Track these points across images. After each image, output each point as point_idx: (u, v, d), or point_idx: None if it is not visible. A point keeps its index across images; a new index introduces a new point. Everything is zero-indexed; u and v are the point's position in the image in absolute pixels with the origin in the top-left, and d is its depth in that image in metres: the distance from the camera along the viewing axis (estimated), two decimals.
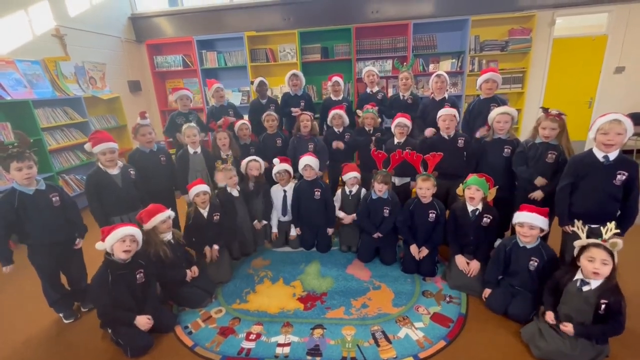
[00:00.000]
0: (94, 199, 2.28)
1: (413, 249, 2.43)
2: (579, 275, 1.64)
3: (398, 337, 1.89)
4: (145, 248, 2.08)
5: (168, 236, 2.19)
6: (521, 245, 1.97)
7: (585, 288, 1.60)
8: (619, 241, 1.53)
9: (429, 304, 2.15)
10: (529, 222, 1.89)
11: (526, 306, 1.91)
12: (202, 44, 5.18)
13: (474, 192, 2.18)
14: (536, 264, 1.90)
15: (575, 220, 1.70)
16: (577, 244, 1.64)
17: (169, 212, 2.17)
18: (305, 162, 2.73)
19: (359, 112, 3.25)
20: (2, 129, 3.27)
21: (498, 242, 2.35)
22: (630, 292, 1.96)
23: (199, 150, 2.92)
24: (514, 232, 2.08)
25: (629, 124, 1.77)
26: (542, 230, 1.91)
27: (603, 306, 1.54)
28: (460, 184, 2.30)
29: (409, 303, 2.17)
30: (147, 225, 2.08)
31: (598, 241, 1.57)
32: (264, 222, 2.91)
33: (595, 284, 1.58)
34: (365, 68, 3.67)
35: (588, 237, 1.61)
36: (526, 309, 1.90)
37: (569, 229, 1.93)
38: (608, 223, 1.57)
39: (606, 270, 1.54)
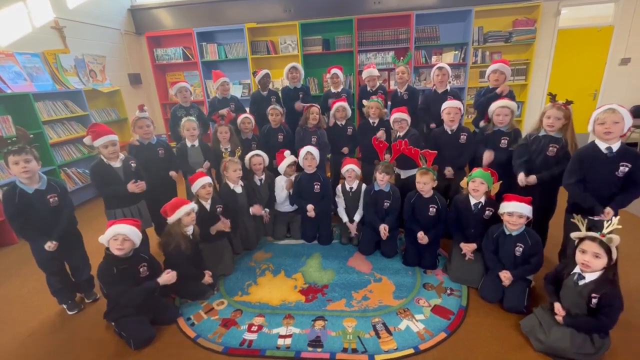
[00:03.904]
0: (105, 186, 2.30)
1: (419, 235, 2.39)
2: (577, 270, 1.63)
3: (399, 329, 1.90)
4: (165, 240, 2.11)
5: (189, 230, 2.20)
6: (507, 233, 2.03)
7: (581, 282, 1.59)
8: (615, 237, 1.51)
9: (429, 297, 2.16)
10: (518, 211, 1.96)
11: (518, 297, 1.96)
12: (202, 36, 5.13)
13: (478, 185, 2.18)
14: (522, 249, 1.98)
15: (574, 214, 1.69)
16: (574, 235, 1.63)
17: (193, 205, 2.19)
18: (307, 150, 2.74)
19: (364, 102, 3.21)
20: (3, 122, 3.27)
21: None
22: (631, 286, 1.96)
23: (196, 143, 2.92)
24: None
25: (624, 112, 1.77)
26: (527, 218, 1.98)
27: (594, 300, 1.53)
28: (465, 177, 2.29)
29: (410, 295, 2.18)
30: (172, 218, 2.10)
31: (595, 234, 1.55)
32: (267, 210, 2.92)
33: (590, 277, 1.57)
34: (364, 71, 3.51)
35: (589, 230, 1.60)
36: (519, 300, 1.95)
37: (604, 215, 1.80)
38: (614, 218, 1.55)
39: (597, 264, 1.53)
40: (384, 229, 2.51)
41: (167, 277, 1.99)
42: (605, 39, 4.71)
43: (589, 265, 1.54)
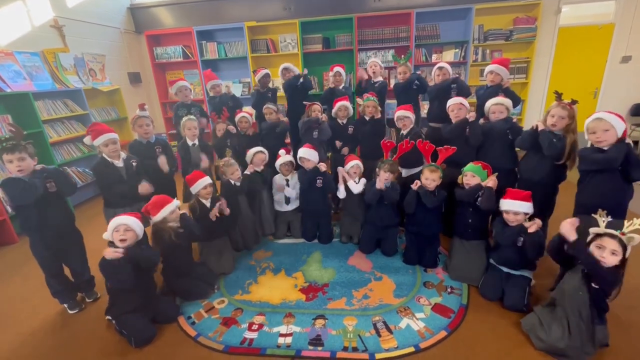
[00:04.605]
0: (110, 187, 2.30)
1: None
2: None
3: (399, 328, 1.90)
4: (159, 235, 2.09)
5: (176, 223, 2.19)
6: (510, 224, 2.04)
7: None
8: (637, 236, 1.49)
9: (430, 295, 2.16)
10: (513, 209, 1.96)
11: (519, 295, 1.96)
12: (202, 34, 5.12)
13: (470, 179, 2.20)
14: (522, 239, 1.97)
15: (599, 210, 1.64)
16: (593, 230, 1.61)
17: (177, 202, 2.17)
18: (300, 155, 2.74)
19: (359, 100, 3.23)
20: (2, 121, 3.27)
21: None
22: (632, 286, 1.96)
23: (197, 142, 2.93)
24: None
25: (612, 119, 1.78)
26: (526, 213, 1.98)
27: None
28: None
29: (410, 294, 2.18)
30: (156, 217, 2.08)
31: (615, 232, 1.53)
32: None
33: None
34: (369, 59, 3.62)
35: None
36: (520, 298, 1.95)
37: None
38: (635, 219, 1.53)
39: (613, 261, 1.53)
40: (382, 179, 2.44)
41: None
42: (606, 36, 4.70)
43: (605, 261, 1.54)
